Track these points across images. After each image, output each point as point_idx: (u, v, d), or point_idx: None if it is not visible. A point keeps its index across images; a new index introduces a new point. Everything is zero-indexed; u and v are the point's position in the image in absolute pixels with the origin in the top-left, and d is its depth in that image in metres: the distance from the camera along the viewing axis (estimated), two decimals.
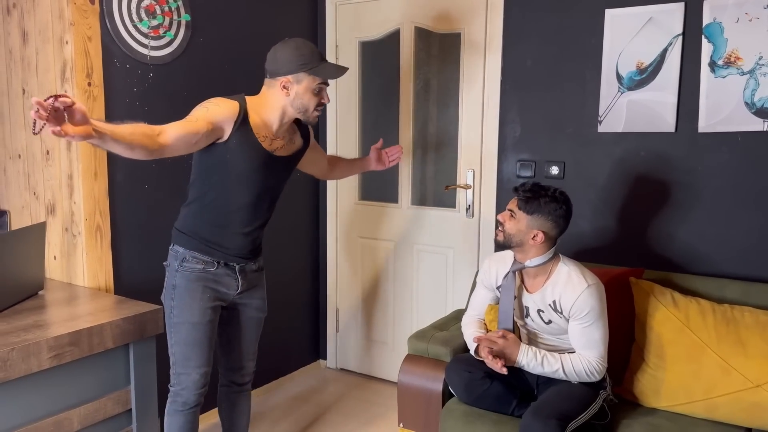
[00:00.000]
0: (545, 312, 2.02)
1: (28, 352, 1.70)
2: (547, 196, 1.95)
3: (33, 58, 2.34)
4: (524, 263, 2.02)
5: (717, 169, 2.38)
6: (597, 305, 1.94)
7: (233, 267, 2.05)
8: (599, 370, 1.96)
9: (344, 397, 3.16)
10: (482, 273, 2.21)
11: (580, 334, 1.97)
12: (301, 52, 1.91)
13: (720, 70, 2.33)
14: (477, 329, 2.16)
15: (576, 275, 1.98)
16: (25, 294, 2.12)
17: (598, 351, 1.97)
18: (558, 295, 1.98)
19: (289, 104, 1.96)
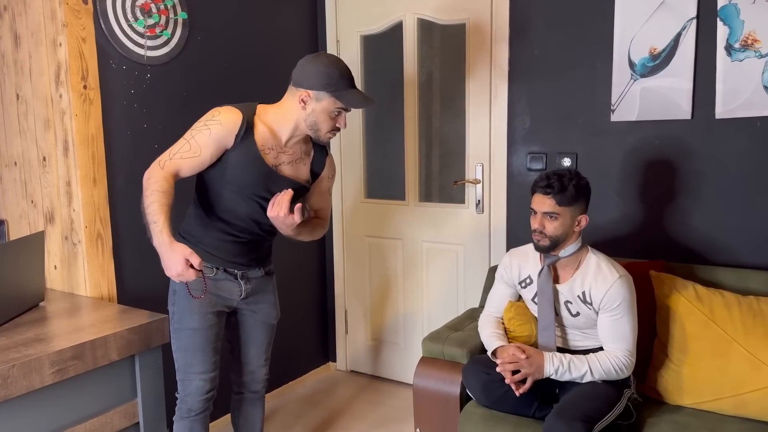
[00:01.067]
0: (573, 304, 1.95)
1: (29, 368, 1.63)
2: (572, 178, 1.91)
3: (26, 62, 2.26)
4: (558, 254, 1.96)
5: (735, 156, 2.30)
6: (628, 297, 1.90)
7: (234, 273, 1.99)
8: (628, 364, 1.89)
9: (355, 400, 3.09)
10: (502, 268, 2.14)
11: (610, 327, 1.90)
12: (329, 71, 1.81)
13: (737, 53, 2.25)
14: (495, 329, 2.09)
15: (606, 266, 1.93)
16: (26, 306, 2.04)
17: (627, 344, 1.90)
18: (588, 286, 1.93)
19: (303, 119, 1.88)
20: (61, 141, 2.20)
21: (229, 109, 1.84)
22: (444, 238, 3.01)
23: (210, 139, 1.80)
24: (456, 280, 3.01)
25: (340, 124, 1.90)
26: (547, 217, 1.91)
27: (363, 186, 3.26)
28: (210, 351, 1.98)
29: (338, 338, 3.46)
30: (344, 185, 3.31)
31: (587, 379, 1.88)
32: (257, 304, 2.09)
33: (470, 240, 2.93)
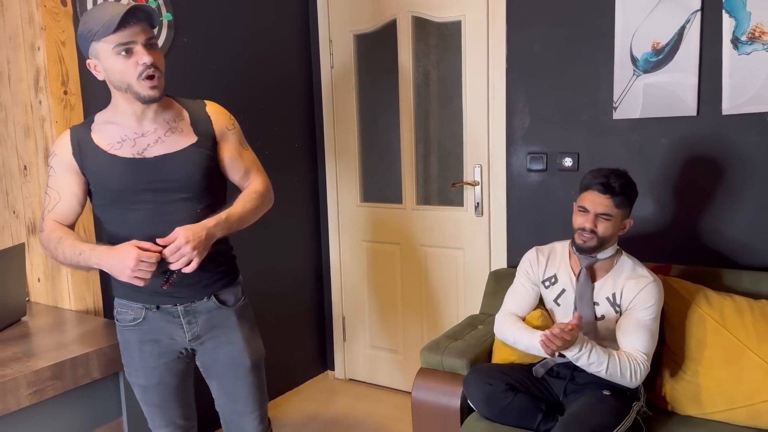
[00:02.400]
0: (600, 305, 1.89)
1: (4, 390, 1.54)
2: (627, 180, 1.86)
3: (4, 68, 2.18)
4: (597, 256, 1.90)
5: (745, 153, 2.21)
6: (658, 302, 1.86)
7: (171, 311, 1.64)
8: (643, 371, 1.80)
9: (354, 411, 3.00)
10: (528, 264, 2.05)
11: (635, 328, 1.83)
12: (87, 26, 1.50)
13: (744, 46, 2.16)
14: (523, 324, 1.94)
15: (640, 269, 1.91)
16: (6, 322, 1.96)
17: (647, 349, 1.82)
18: (620, 287, 1.88)
19: (114, 88, 1.56)
20: (42, 149, 2.12)
21: (61, 135, 1.62)
22: (443, 242, 2.93)
23: (59, 176, 1.60)
24: (456, 286, 2.92)
25: (142, 60, 1.50)
26: (601, 218, 1.83)
27: (359, 190, 3.17)
28: (170, 406, 1.72)
29: (336, 346, 3.37)
30: (339, 189, 3.22)
31: (600, 372, 1.77)
32: (217, 345, 1.69)
33: (470, 244, 2.84)
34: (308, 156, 3.22)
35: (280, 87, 3.02)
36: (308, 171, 3.23)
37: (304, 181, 3.21)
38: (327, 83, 3.16)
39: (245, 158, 1.76)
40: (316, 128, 3.25)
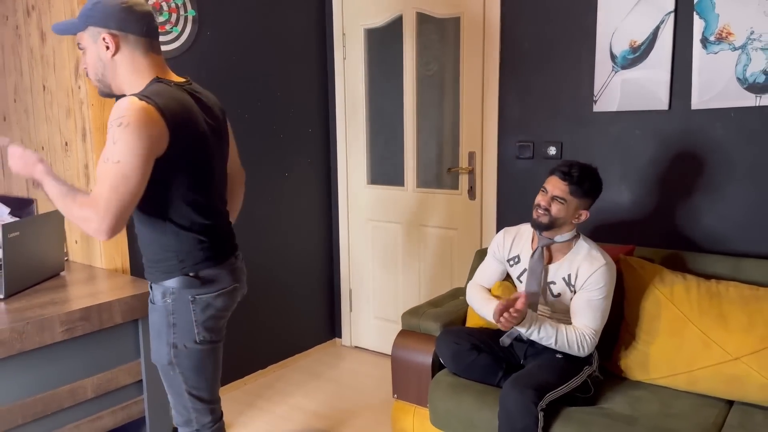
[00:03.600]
0: (556, 284, 2.09)
1: (42, 326, 1.87)
2: (592, 175, 2.04)
3: (51, 57, 2.51)
4: (554, 239, 2.09)
5: (711, 146, 2.38)
6: (610, 283, 2.03)
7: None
8: (590, 344, 2.01)
9: (355, 373, 3.29)
10: (495, 245, 2.27)
11: (585, 305, 2.03)
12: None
13: (712, 46, 2.33)
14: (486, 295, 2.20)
15: (596, 252, 2.08)
16: (47, 275, 2.30)
17: (595, 325, 2.03)
18: (575, 268, 2.06)
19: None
20: (80, 128, 2.45)
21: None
22: (439, 223, 3.17)
23: None
24: (450, 263, 3.16)
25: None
26: (556, 200, 2.04)
27: (366, 172, 3.43)
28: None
29: (344, 316, 3.66)
30: (350, 171, 3.49)
31: (550, 344, 2.00)
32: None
33: (463, 225, 3.08)
34: (321, 140, 3.50)
35: (296, 76, 3.30)
36: (321, 154, 3.51)
37: (317, 163, 3.49)
38: (340, 73, 3.42)
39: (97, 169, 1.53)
40: (329, 115, 3.53)
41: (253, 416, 2.84)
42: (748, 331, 1.95)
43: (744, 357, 1.93)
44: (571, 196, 2.03)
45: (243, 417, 2.84)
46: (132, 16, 1.56)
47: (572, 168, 2.03)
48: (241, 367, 3.17)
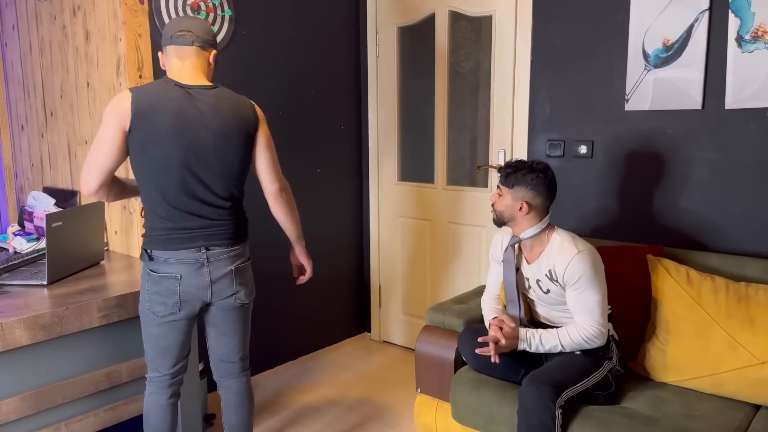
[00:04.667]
0: (542, 281, 2.10)
1: (80, 311, 1.97)
2: (525, 168, 2.04)
3: (94, 55, 2.62)
4: (519, 236, 2.11)
5: (744, 146, 2.34)
6: (588, 270, 1.99)
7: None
8: (597, 334, 1.99)
9: (384, 367, 3.34)
10: (491, 248, 2.30)
11: (576, 300, 2.03)
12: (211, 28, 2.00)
13: (747, 44, 2.29)
14: (493, 305, 2.24)
15: (568, 243, 2.04)
16: (87, 263, 2.41)
17: (594, 315, 2.01)
18: (552, 263, 2.05)
19: (210, 79, 1.98)
20: None
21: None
22: (468, 220, 3.19)
23: None
24: (479, 260, 3.18)
25: None
26: (497, 193, 2.09)
27: (397, 170, 3.47)
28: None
29: (373, 311, 3.71)
30: (380, 168, 3.53)
31: (560, 350, 2.02)
32: None
33: (491, 222, 3.08)
34: (353, 137, 3.55)
35: (329, 74, 3.36)
36: (353, 151, 3.56)
37: (349, 160, 3.55)
38: (372, 71, 3.47)
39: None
40: (361, 112, 3.58)
41: (282, 405, 2.92)
42: None
43: None
44: (503, 186, 2.07)
45: (272, 405, 2.92)
46: (164, 33, 1.93)
47: (508, 162, 2.10)
48: (272, 357, 3.25)
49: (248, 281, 2.03)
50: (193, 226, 1.89)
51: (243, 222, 2.02)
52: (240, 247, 1.99)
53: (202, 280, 1.91)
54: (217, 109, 1.87)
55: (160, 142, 1.81)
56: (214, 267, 1.92)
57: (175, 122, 1.82)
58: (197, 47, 1.89)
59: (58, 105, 2.91)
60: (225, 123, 1.87)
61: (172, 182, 1.85)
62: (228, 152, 1.88)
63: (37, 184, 3.18)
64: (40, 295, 2.06)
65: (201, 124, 1.84)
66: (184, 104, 1.83)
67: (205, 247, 1.90)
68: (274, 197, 2.02)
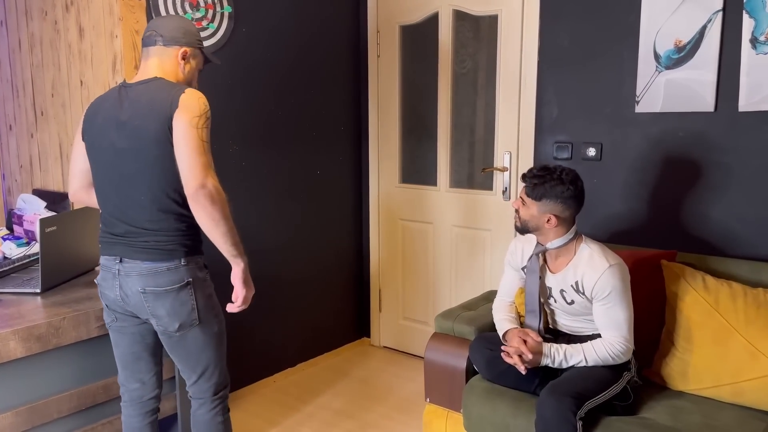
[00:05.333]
0: (567, 292, 2.03)
1: (78, 322, 1.88)
2: (553, 179, 1.94)
3: (89, 52, 2.52)
4: (545, 245, 2.04)
5: (758, 149, 2.30)
6: (619, 285, 1.94)
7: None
8: (624, 350, 1.95)
9: (384, 373, 3.26)
10: (509, 254, 2.24)
11: (604, 315, 1.98)
12: (195, 29, 1.82)
13: (762, 46, 2.25)
14: (507, 314, 2.18)
15: (598, 256, 1.98)
16: (82, 269, 2.32)
17: (622, 331, 1.96)
18: (580, 275, 1.99)
19: (183, 77, 1.79)
20: None
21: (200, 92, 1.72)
22: (472, 223, 3.12)
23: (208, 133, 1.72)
24: (483, 264, 3.12)
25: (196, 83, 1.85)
26: (521, 201, 2.01)
27: (398, 171, 3.40)
28: None
29: (373, 316, 3.63)
30: (381, 170, 3.46)
31: (581, 364, 1.96)
32: None
33: (497, 226, 3.03)
34: (353, 138, 3.48)
35: (330, 73, 3.28)
36: (353, 152, 3.49)
37: (349, 161, 3.47)
38: (373, 71, 3.39)
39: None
40: (362, 113, 3.50)
41: (282, 414, 2.84)
42: None
43: None
44: (529, 198, 1.98)
45: (272, 414, 2.83)
46: None
47: (534, 170, 1.99)
48: (271, 365, 3.16)
49: (173, 310, 1.69)
50: (117, 232, 1.72)
51: (179, 236, 1.70)
52: (163, 265, 1.68)
53: (114, 292, 1.73)
54: (134, 104, 1.67)
55: (93, 144, 1.74)
56: (124, 281, 1.71)
57: (102, 124, 1.71)
58: (160, 46, 1.74)
59: (49, 104, 2.80)
60: (137, 117, 1.65)
61: (103, 184, 1.74)
62: (142, 150, 1.65)
63: (26, 186, 3.07)
64: (34, 303, 1.96)
65: (119, 122, 1.68)
66: (114, 104, 1.71)
67: (119, 258, 1.71)
68: (190, 200, 1.62)
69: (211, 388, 1.83)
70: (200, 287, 1.74)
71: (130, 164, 1.67)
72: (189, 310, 1.71)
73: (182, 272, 1.69)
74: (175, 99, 1.63)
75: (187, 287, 1.70)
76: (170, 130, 1.62)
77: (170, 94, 1.64)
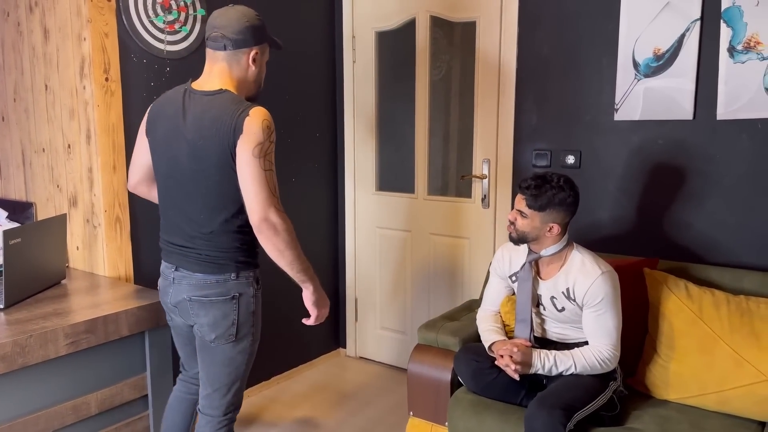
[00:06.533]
0: (558, 299, 2.01)
1: (45, 339, 1.77)
2: (554, 187, 1.93)
3: (54, 55, 2.41)
4: (540, 253, 2.01)
5: (736, 157, 2.32)
6: (611, 292, 1.93)
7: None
8: (611, 358, 1.94)
9: (362, 386, 3.20)
10: (495, 262, 2.21)
11: (594, 322, 1.96)
12: (260, 21, 1.73)
13: (739, 55, 2.27)
14: (492, 324, 2.15)
15: (590, 263, 1.97)
16: (48, 283, 2.20)
17: (611, 339, 1.95)
18: (572, 282, 1.98)
19: (252, 78, 1.77)
20: (84, 130, 2.35)
21: (266, 111, 1.67)
22: (450, 231, 3.09)
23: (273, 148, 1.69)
24: (462, 273, 3.08)
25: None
26: (519, 214, 1.97)
27: (375, 179, 3.35)
28: None
29: (348, 326, 3.57)
30: (357, 177, 3.40)
31: (572, 371, 1.93)
32: None
33: (476, 234, 3.00)
34: (329, 145, 3.41)
35: (304, 79, 3.21)
36: (328, 159, 3.42)
37: (324, 168, 3.40)
38: (349, 77, 3.34)
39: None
40: (337, 119, 3.44)
41: (257, 430, 2.74)
42: None
43: None
44: (531, 210, 1.95)
45: (247, 431, 2.74)
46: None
47: (531, 180, 1.96)
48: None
49: (214, 321, 1.72)
50: (174, 242, 1.77)
51: (232, 252, 1.73)
52: (212, 278, 1.71)
53: (167, 298, 1.81)
54: (199, 119, 1.65)
55: (156, 150, 1.77)
56: (175, 289, 1.77)
57: (165, 131, 1.72)
58: (229, 51, 1.69)
59: (11, 109, 2.67)
60: (201, 138, 1.64)
61: (164, 193, 1.77)
62: (203, 171, 1.66)
63: None
64: None
65: (181, 136, 1.68)
66: (178, 112, 1.70)
67: (175, 267, 1.77)
68: (255, 231, 1.65)
69: (223, 406, 1.81)
70: (245, 303, 1.76)
71: (190, 183, 1.69)
72: (229, 324, 1.74)
73: (230, 286, 1.73)
74: (239, 124, 1.60)
75: (232, 301, 1.74)
76: (233, 156, 1.62)
77: (233, 118, 1.61)
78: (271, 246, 1.66)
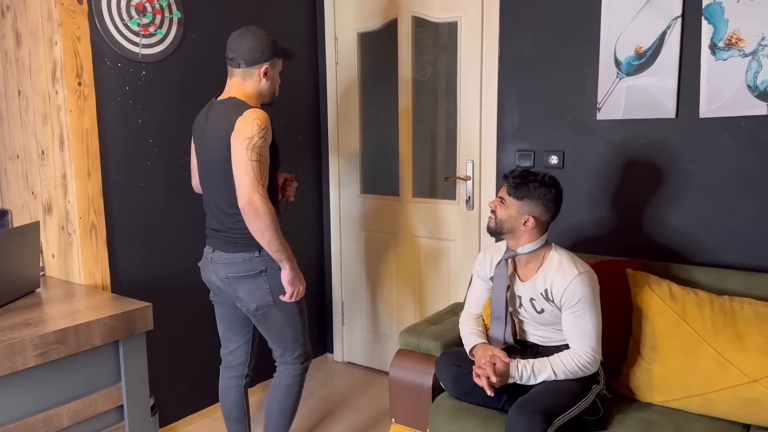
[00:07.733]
0: (537, 301, 1.98)
1: (12, 351, 1.73)
2: (536, 180, 1.93)
3: (26, 60, 2.37)
4: (516, 250, 1.99)
5: (719, 155, 2.29)
6: (588, 293, 1.90)
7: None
8: (591, 361, 1.91)
9: (350, 392, 3.16)
10: (477, 264, 2.18)
11: (573, 324, 1.93)
12: (270, 38, 2.05)
13: (721, 52, 2.24)
14: (473, 327, 2.12)
15: (567, 263, 1.94)
16: (21, 292, 2.15)
17: (590, 341, 1.92)
18: (549, 283, 1.95)
19: (265, 90, 2.08)
20: (57, 135, 2.31)
21: (261, 112, 1.95)
22: (436, 234, 3.06)
23: (266, 146, 1.96)
24: (447, 275, 3.05)
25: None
26: (500, 200, 1.98)
27: (359, 181, 3.31)
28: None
29: (335, 330, 3.53)
30: (342, 180, 3.37)
31: (553, 378, 1.90)
32: None
33: (461, 235, 2.97)
34: (312, 148, 3.38)
35: (286, 81, 3.17)
36: (312, 162, 3.39)
37: (308, 172, 3.37)
38: (332, 79, 3.31)
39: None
40: (321, 121, 3.40)
41: None
42: (766, 351, 1.85)
43: (762, 379, 1.83)
44: (510, 197, 1.96)
45: None
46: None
47: (515, 171, 2.00)
48: None
49: (251, 293, 2.05)
50: (211, 226, 2.12)
51: (249, 234, 2.02)
52: (239, 256, 2.04)
53: (208, 277, 2.15)
54: (211, 123, 2.00)
55: (196, 152, 2.11)
56: (213, 268, 2.10)
57: (197, 136, 2.09)
58: (243, 68, 2.02)
59: None
60: (210, 136, 1.99)
61: (202, 186, 2.12)
62: (214, 165, 2.01)
63: None
64: None
65: (204, 134, 2.04)
66: (203, 118, 2.06)
67: (212, 248, 2.11)
68: (242, 212, 1.96)
69: (295, 360, 2.21)
70: (274, 275, 2.06)
71: (209, 176, 2.06)
72: (264, 293, 2.06)
73: (256, 262, 2.04)
74: (232, 122, 1.92)
75: (261, 274, 2.05)
76: (230, 151, 1.94)
77: (231, 118, 1.94)
78: (253, 226, 1.94)
